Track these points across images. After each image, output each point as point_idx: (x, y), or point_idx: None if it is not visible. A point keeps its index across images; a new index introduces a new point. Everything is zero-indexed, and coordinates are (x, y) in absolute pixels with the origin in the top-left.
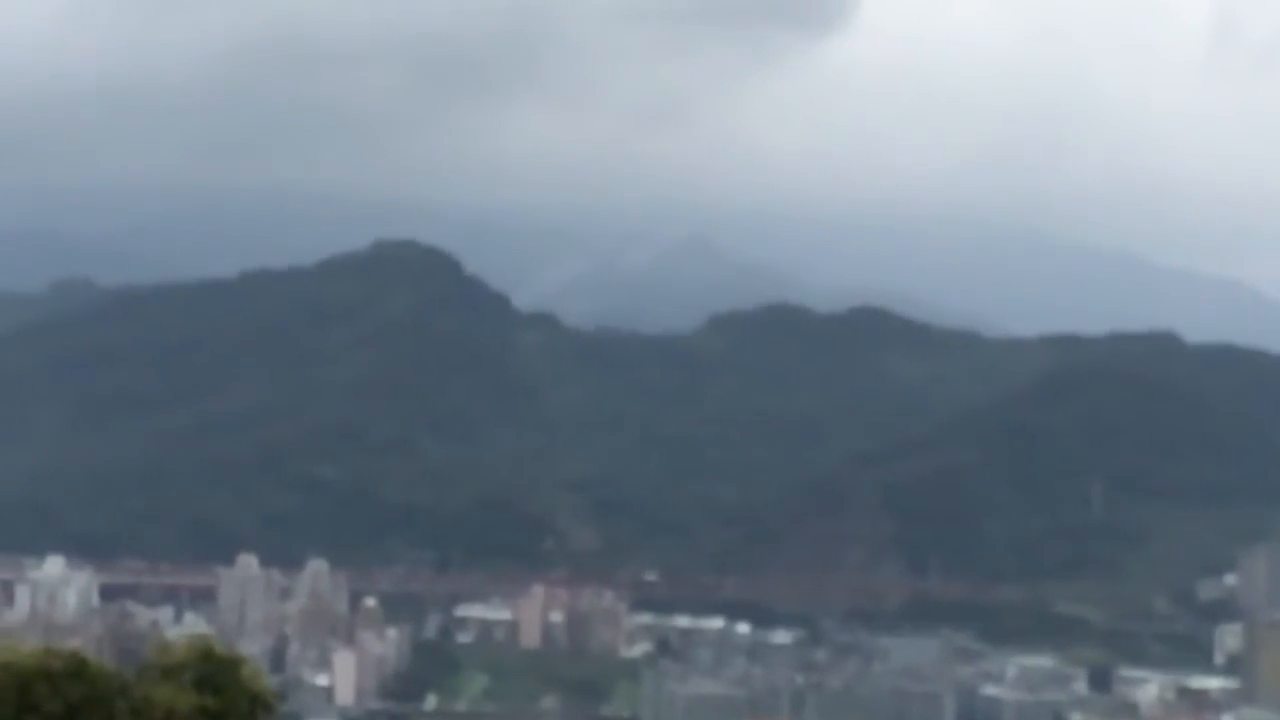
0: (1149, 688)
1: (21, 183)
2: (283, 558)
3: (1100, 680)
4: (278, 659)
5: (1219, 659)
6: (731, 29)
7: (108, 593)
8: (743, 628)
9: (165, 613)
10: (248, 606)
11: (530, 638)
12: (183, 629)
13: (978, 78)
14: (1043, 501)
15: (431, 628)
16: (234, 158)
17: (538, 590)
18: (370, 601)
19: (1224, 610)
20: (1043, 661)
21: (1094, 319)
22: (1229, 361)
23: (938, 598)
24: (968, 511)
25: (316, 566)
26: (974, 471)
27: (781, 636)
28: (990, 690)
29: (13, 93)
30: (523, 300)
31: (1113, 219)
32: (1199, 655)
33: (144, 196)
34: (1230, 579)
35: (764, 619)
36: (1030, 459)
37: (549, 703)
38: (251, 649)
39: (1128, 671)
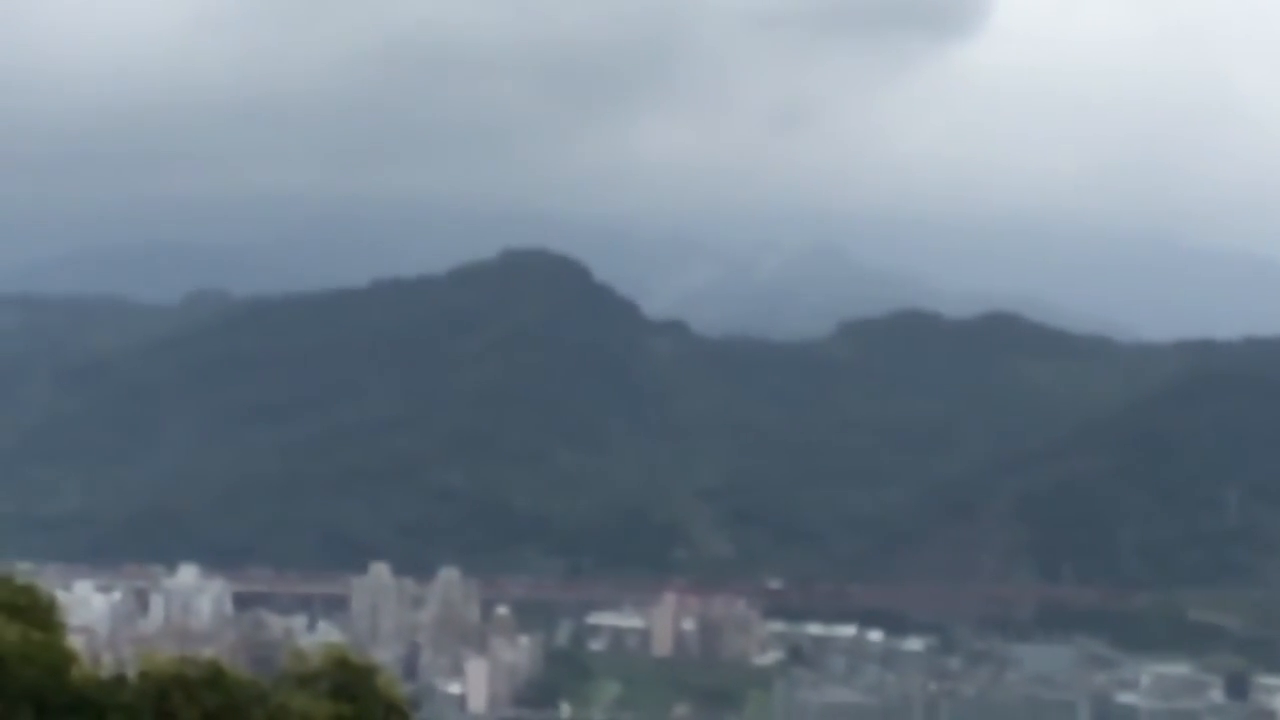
0: None
1: (155, 194)
2: (415, 566)
3: (1237, 688)
4: (410, 667)
5: None
6: (863, 34)
7: (241, 601)
8: (875, 635)
9: (298, 621)
10: (380, 615)
11: (662, 645)
12: (316, 637)
13: (1111, 81)
14: (1178, 507)
15: (563, 636)
16: (365, 167)
17: (669, 598)
18: (502, 609)
19: None
20: (1178, 669)
21: (1228, 323)
22: None
23: (1072, 605)
24: (1101, 517)
25: (448, 574)
26: (1108, 477)
27: (914, 644)
28: (1125, 698)
29: (145, 104)
30: (652, 308)
31: (1247, 223)
32: None
33: (276, 207)
34: None
35: (897, 626)
36: (1165, 464)
37: (681, 711)
38: (384, 657)
39: (1265, 679)
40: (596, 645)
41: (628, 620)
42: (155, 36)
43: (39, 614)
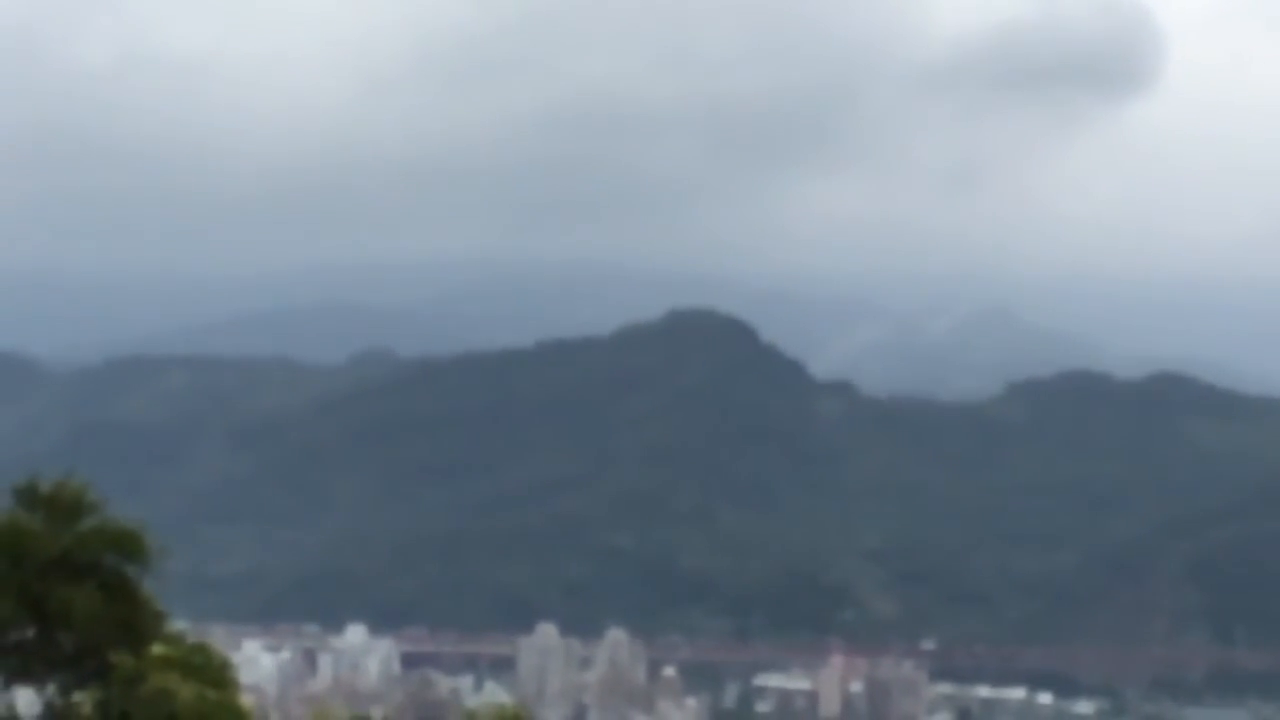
0: None
1: (323, 256)
2: (582, 626)
3: None
4: None
5: None
6: (1032, 94)
7: (408, 661)
8: (1045, 698)
9: (465, 681)
10: (547, 675)
11: (830, 707)
12: (483, 698)
13: None
14: None
15: (731, 697)
16: (532, 228)
17: (837, 659)
18: (669, 670)
19: None
20: None
21: None
22: None
23: (1244, 667)
24: (1275, 579)
25: (616, 635)
26: None
27: (1084, 706)
28: None
29: (314, 168)
30: (820, 368)
31: None
32: None
33: (443, 268)
34: None
35: (1066, 689)
36: None
37: None
38: (551, 718)
39: None
40: (764, 707)
41: (795, 682)
42: (325, 101)
43: (213, 673)
